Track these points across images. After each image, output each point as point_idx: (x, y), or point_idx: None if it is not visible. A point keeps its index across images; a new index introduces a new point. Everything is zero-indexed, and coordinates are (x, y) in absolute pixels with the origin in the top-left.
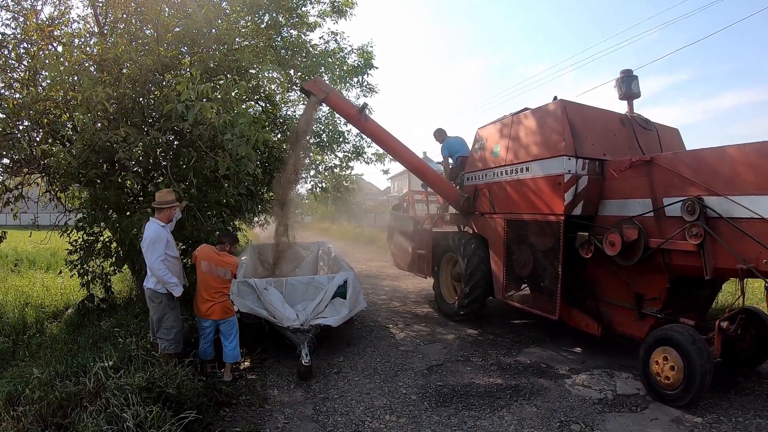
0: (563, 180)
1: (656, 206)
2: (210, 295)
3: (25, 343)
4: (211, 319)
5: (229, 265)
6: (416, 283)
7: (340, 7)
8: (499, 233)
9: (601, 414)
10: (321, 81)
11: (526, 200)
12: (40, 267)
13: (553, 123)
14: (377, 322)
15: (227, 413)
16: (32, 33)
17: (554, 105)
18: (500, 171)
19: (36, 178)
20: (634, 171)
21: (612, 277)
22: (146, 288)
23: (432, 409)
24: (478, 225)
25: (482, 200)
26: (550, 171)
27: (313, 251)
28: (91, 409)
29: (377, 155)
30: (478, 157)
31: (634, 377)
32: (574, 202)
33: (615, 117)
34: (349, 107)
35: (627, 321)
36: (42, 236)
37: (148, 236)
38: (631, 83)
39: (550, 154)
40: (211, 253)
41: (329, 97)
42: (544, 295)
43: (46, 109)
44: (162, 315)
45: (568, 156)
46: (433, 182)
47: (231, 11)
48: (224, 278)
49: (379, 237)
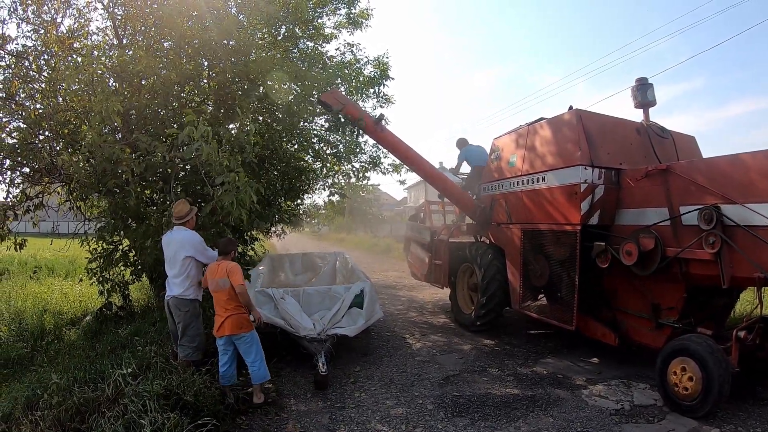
0: (579, 190)
1: (672, 215)
2: (219, 310)
3: (43, 349)
4: (225, 336)
5: (225, 273)
6: (433, 293)
7: (356, 18)
8: (515, 243)
9: (618, 425)
10: (338, 92)
11: (542, 210)
12: (58, 274)
13: (569, 132)
14: (394, 332)
15: (244, 421)
16: (53, 45)
17: (569, 114)
18: (516, 181)
19: (56, 187)
20: (650, 180)
21: (628, 286)
22: (171, 297)
23: (448, 420)
24: (494, 235)
25: (499, 210)
26: (566, 181)
27: (330, 261)
28: (108, 415)
29: (394, 166)
30: (495, 168)
31: (651, 387)
32: (590, 212)
33: (631, 126)
34: (365, 118)
35: (643, 331)
36: (62, 244)
37: (194, 239)
38: (646, 91)
39: (565, 163)
40: (210, 268)
41: (346, 109)
42: (560, 305)
43: (66, 119)
44: (188, 323)
45: (584, 165)
46: (450, 192)
47: (248, 24)
48: (224, 288)
49: (396, 247)
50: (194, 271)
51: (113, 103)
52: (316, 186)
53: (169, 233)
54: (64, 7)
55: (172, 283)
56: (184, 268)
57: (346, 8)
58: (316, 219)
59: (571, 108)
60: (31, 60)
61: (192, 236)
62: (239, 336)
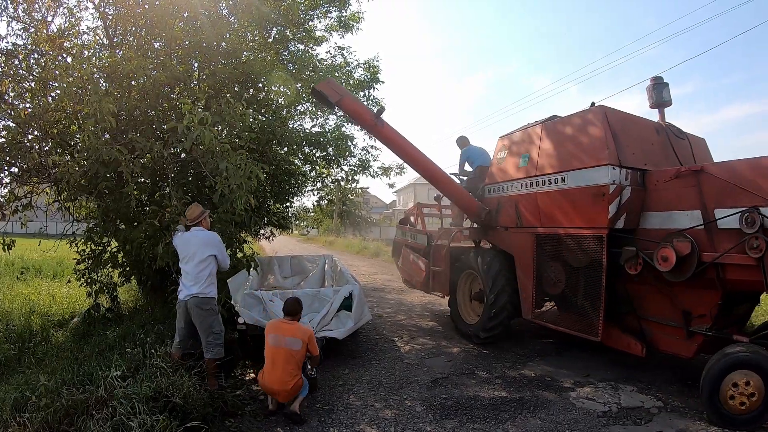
0: (608, 191)
1: (707, 218)
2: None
3: (30, 350)
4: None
5: (298, 335)
6: (421, 296)
7: (347, 21)
8: (527, 249)
9: (606, 427)
10: (334, 82)
11: (560, 213)
12: (46, 275)
13: (594, 130)
14: (382, 335)
15: (233, 424)
16: (43, 44)
17: (594, 111)
18: (529, 182)
19: (45, 188)
20: (681, 181)
21: (655, 293)
22: (191, 296)
23: (437, 422)
24: (501, 240)
25: (507, 213)
26: (591, 181)
27: (319, 264)
28: (97, 417)
29: (383, 169)
30: (502, 168)
31: (638, 390)
32: (617, 215)
33: (651, 125)
34: (364, 112)
35: (673, 340)
36: (50, 245)
37: (214, 239)
38: (662, 91)
39: (591, 163)
40: (275, 323)
41: (343, 101)
42: (580, 314)
43: (56, 119)
44: (212, 320)
45: (612, 165)
46: (453, 193)
47: (239, 26)
48: (291, 348)
49: (385, 250)
50: (215, 269)
51: (107, 103)
52: (305, 189)
53: (185, 233)
54: (55, 5)
55: (191, 282)
56: (206, 267)
57: (337, 11)
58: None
59: (593, 104)
60: (21, 59)
61: (213, 236)
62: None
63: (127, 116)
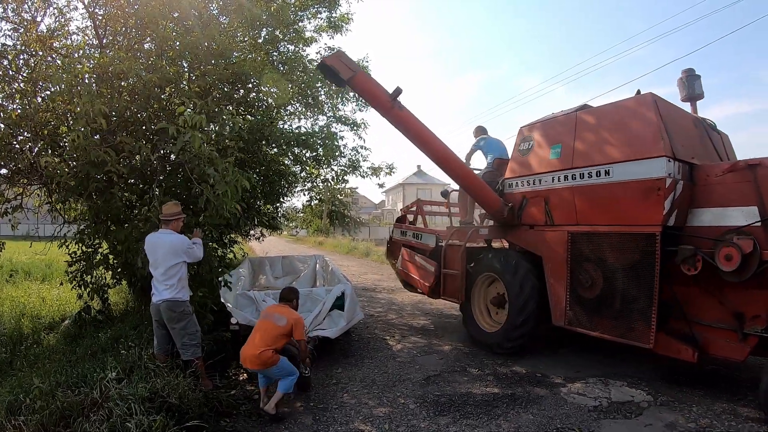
0: (664, 185)
1: (765, 215)
2: (258, 340)
3: (22, 353)
4: (254, 370)
5: (287, 316)
6: (411, 296)
7: (336, 22)
8: (558, 249)
9: (597, 420)
10: (346, 56)
11: (603, 209)
12: (35, 278)
13: (645, 119)
14: (374, 334)
15: (228, 423)
16: (33, 44)
17: (643, 98)
18: (562, 176)
19: (35, 189)
20: (736, 176)
21: (703, 295)
22: (163, 300)
23: (430, 419)
24: (524, 240)
25: (533, 210)
26: (644, 175)
27: (310, 264)
28: (93, 418)
29: (372, 169)
30: (526, 160)
31: (628, 384)
32: (670, 212)
33: (690, 118)
34: (380, 92)
35: (724, 343)
36: (40, 247)
37: (184, 243)
38: (694, 83)
39: (643, 154)
40: (271, 307)
41: (356, 78)
42: (624, 320)
43: (46, 120)
44: (186, 321)
45: (667, 158)
46: (473, 188)
47: (229, 26)
48: (277, 324)
49: (374, 250)
50: (185, 273)
51: (98, 104)
52: (296, 189)
53: (155, 235)
54: (45, 6)
55: (162, 287)
56: (176, 272)
57: (327, 12)
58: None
59: (639, 92)
60: (10, 59)
61: (182, 241)
62: (269, 369)
63: (118, 117)
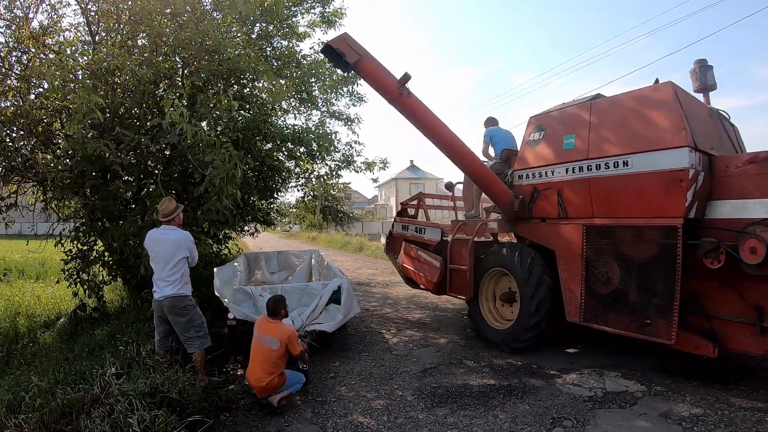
0: (687, 176)
1: None
2: (259, 369)
3: (19, 352)
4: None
5: (278, 335)
6: (406, 290)
7: (330, 17)
8: (573, 243)
9: (592, 410)
10: (352, 39)
11: (620, 202)
12: (29, 277)
13: (666, 108)
14: (370, 328)
15: (228, 417)
16: (26, 41)
17: (663, 87)
18: (577, 167)
19: (29, 187)
20: (757, 167)
21: (722, 289)
22: (165, 297)
23: (428, 410)
24: (535, 233)
25: (545, 203)
26: (665, 165)
27: (305, 259)
28: (94, 415)
29: (366, 164)
30: (537, 151)
31: (622, 375)
32: (692, 204)
33: (706, 108)
34: (388, 78)
35: (743, 337)
36: (36, 245)
37: (187, 240)
38: (706, 73)
39: (665, 144)
40: (261, 321)
41: (362, 62)
42: (643, 315)
43: (40, 117)
44: (191, 315)
45: (689, 148)
46: (483, 180)
47: (222, 21)
48: (270, 347)
49: (368, 245)
50: (187, 268)
51: (95, 98)
52: (290, 185)
53: (157, 231)
54: (37, 2)
55: (164, 284)
56: (179, 269)
57: (320, 7)
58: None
59: (657, 81)
60: (2, 56)
61: (186, 237)
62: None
63: (112, 113)
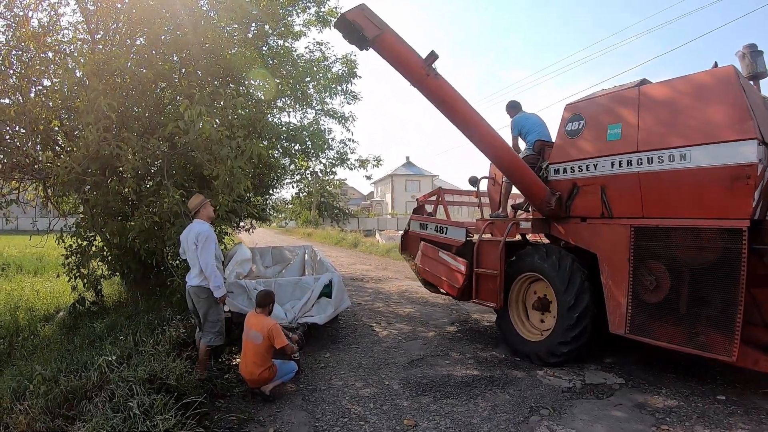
0: (755, 172)
1: None
2: (250, 362)
3: (20, 344)
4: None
5: (262, 329)
6: (398, 285)
7: (325, 16)
8: (619, 246)
9: (569, 400)
10: (371, 11)
11: (676, 200)
12: (27, 271)
13: (727, 96)
14: (361, 321)
15: (222, 404)
16: (26, 41)
17: (724, 73)
18: (624, 160)
19: (30, 184)
20: None
21: None
22: (191, 286)
23: (413, 398)
24: (576, 234)
25: (586, 200)
26: (730, 160)
27: (299, 254)
28: (96, 400)
29: (360, 161)
30: (576, 142)
31: (602, 368)
32: (758, 203)
33: (761, 97)
34: (412, 56)
35: None
36: (37, 240)
37: (202, 233)
38: (757, 59)
39: (730, 136)
40: (250, 316)
41: (383, 37)
42: (699, 328)
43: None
44: (208, 308)
45: (758, 140)
46: (517, 173)
47: (218, 20)
48: (255, 342)
49: (363, 241)
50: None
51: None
52: (285, 181)
53: (189, 226)
54: (37, 1)
55: (192, 273)
56: (197, 260)
57: (315, 6)
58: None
59: (716, 65)
60: (2, 55)
61: (200, 228)
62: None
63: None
